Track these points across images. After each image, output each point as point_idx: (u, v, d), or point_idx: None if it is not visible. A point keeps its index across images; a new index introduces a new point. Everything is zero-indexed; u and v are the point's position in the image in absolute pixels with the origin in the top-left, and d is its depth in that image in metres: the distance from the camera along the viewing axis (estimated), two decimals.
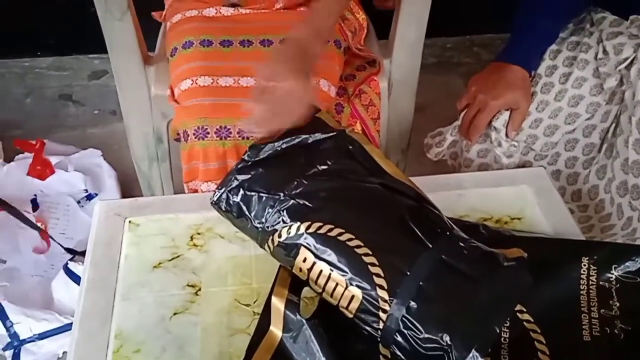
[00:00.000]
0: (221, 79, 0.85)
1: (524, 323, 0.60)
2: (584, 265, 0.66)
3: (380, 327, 0.55)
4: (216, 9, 0.92)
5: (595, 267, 0.66)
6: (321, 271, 0.57)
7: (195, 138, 0.84)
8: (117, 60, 1.00)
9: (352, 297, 0.56)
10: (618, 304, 0.63)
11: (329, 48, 0.90)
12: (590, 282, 0.65)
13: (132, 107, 1.05)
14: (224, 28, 0.91)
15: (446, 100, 1.22)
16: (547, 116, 0.90)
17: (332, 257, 0.57)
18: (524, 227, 0.74)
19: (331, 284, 0.57)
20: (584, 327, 0.61)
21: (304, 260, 0.58)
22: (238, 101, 0.83)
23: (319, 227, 0.58)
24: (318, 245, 0.58)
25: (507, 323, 0.60)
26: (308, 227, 0.58)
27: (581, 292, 0.64)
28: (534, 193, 0.79)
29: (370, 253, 0.56)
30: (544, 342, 0.59)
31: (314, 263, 0.58)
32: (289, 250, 0.60)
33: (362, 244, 0.56)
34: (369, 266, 0.55)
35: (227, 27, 0.91)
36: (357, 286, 0.55)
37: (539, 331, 0.60)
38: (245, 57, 0.88)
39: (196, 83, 0.85)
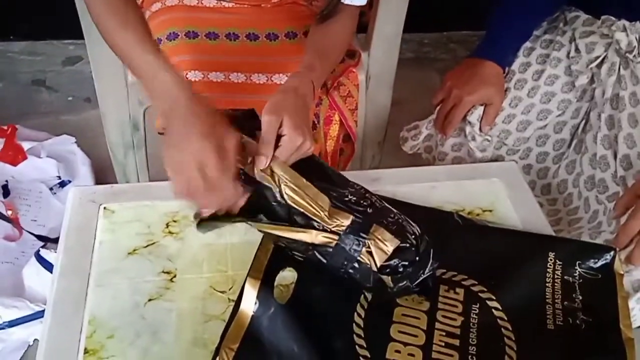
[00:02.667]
0: (211, 74, 0.85)
1: (493, 311, 0.62)
2: (550, 260, 0.69)
3: None
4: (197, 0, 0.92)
5: (560, 262, 0.68)
6: None
7: None
8: (94, 47, 0.98)
9: None
10: (581, 298, 0.65)
11: None
12: (556, 276, 0.67)
13: (109, 94, 1.04)
14: (208, 19, 0.90)
15: (423, 96, 1.23)
16: (520, 112, 0.92)
17: None
18: (494, 219, 0.76)
19: None
20: (548, 316, 0.63)
21: None
22: (231, 97, 0.84)
23: None
24: None
25: (476, 310, 0.62)
26: None
27: (547, 284, 0.67)
28: (505, 186, 0.81)
29: None
30: (510, 328, 0.61)
31: None
32: None
33: None
34: None
35: (211, 18, 0.90)
36: None
37: (506, 318, 0.62)
38: (233, 52, 0.88)
39: (186, 78, 0.84)
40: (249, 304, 0.59)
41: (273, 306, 0.59)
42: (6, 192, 1.32)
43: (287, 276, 0.65)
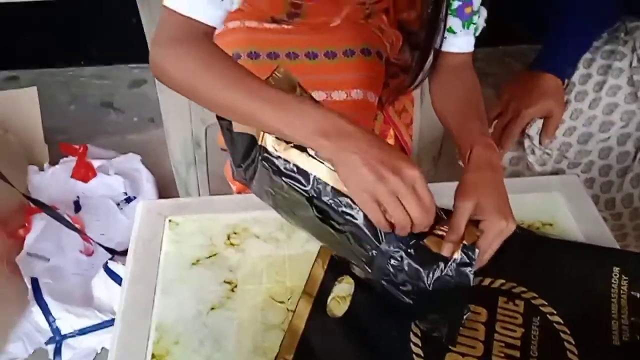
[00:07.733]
0: None
1: (554, 325, 0.61)
2: (615, 275, 0.67)
3: None
4: (258, 22, 0.95)
5: (626, 278, 0.66)
6: None
7: None
8: None
9: None
10: None
11: (374, 60, 0.92)
12: (622, 292, 0.65)
13: (172, 113, 1.10)
14: (268, 40, 0.93)
15: None
16: (581, 124, 0.91)
17: None
18: (555, 233, 0.74)
19: None
20: (613, 332, 0.61)
21: None
22: None
23: None
24: None
25: (537, 323, 0.61)
26: None
27: (612, 299, 0.65)
28: (566, 200, 0.79)
29: None
30: (574, 342, 0.59)
31: None
32: None
33: None
34: None
35: (271, 38, 0.93)
36: None
37: (569, 332, 0.60)
38: (294, 70, 0.90)
39: None
40: (302, 318, 0.61)
41: (326, 320, 0.60)
42: (77, 208, 1.40)
43: (345, 288, 0.66)
